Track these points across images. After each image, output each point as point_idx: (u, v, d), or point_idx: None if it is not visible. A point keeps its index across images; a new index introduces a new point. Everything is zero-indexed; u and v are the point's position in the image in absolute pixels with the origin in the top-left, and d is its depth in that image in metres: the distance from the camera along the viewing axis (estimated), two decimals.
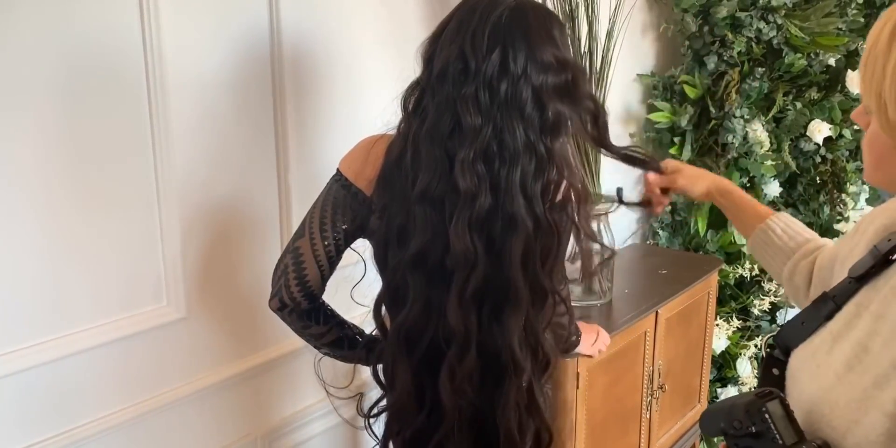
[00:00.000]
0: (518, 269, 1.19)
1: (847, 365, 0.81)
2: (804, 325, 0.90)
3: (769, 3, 2.44)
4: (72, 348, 1.24)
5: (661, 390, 2.15)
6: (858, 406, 0.77)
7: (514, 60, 1.13)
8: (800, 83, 2.59)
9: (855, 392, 0.79)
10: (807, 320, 0.90)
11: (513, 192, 1.17)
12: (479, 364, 1.22)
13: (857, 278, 0.87)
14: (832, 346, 0.85)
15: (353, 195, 1.23)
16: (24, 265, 1.17)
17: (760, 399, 0.80)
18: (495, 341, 1.23)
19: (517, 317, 1.21)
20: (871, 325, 0.82)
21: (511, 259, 1.18)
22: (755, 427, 0.78)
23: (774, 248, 1.23)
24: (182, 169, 1.34)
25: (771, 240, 1.24)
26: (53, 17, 1.14)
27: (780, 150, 2.61)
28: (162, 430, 1.41)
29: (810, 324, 0.90)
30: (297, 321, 1.27)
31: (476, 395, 1.24)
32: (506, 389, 1.24)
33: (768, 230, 1.25)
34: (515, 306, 1.21)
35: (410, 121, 1.20)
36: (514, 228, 1.17)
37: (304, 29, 1.48)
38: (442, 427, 1.25)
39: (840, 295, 0.88)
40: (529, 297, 1.21)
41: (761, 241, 1.25)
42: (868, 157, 0.82)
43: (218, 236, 1.43)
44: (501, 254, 1.19)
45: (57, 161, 1.18)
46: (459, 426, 1.25)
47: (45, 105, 1.15)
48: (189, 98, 1.33)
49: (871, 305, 0.83)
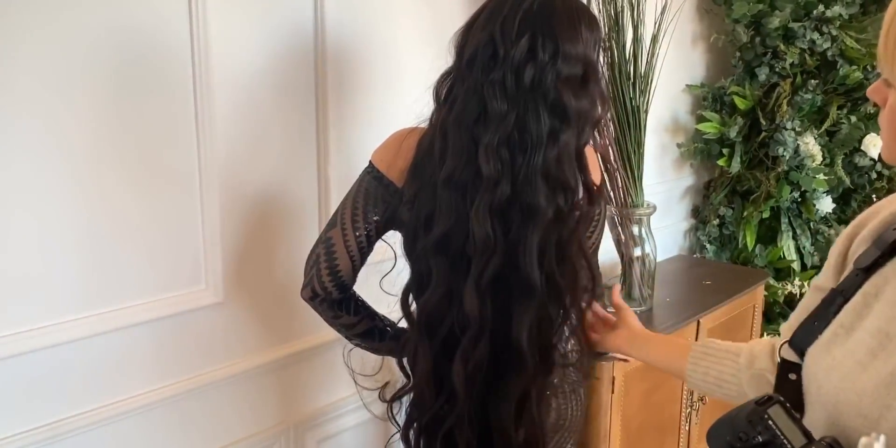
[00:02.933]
0: (534, 260, 1.18)
1: (871, 353, 0.80)
2: (816, 324, 0.89)
3: (823, 14, 2.40)
4: (111, 325, 1.29)
5: (702, 403, 2.11)
6: (888, 391, 0.76)
7: (543, 47, 1.14)
8: (855, 96, 2.54)
9: (883, 377, 0.77)
10: (818, 319, 0.89)
11: (535, 181, 1.16)
12: (490, 353, 1.22)
13: (865, 269, 0.86)
14: (847, 337, 0.84)
15: (385, 187, 1.25)
16: (69, 243, 1.22)
17: (761, 406, 0.78)
18: (508, 333, 1.23)
19: (529, 311, 1.20)
20: (889, 311, 0.81)
21: (527, 249, 1.17)
22: (761, 436, 0.76)
23: (720, 353, 1.16)
24: (224, 157, 1.38)
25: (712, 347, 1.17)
26: (109, 11, 1.20)
27: (832, 164, 2.56)
28: (196, 412, 1.45)
29: (822, 322, 0.89)
30: (329, 311, 1.29)
31: (483, 385, 1.24)
32: (507, 383, 1.24)
33: (706, 342, 1.20)
34: (528, 299, 1.20)
35: (441, 110, 1.21)
36: (533, 217, 1.17)
37: (348, 24, 1.53)
38: (453, 414, 1.25)
39: (848, 288, 0.87)
40: (546, 292, 1.20)
41: (702, 354, 1.18)
42: (886, 133, 0.80)
43: (256, 224, 1.47)
44: (518, 243, 1.19)
45: (106, 146, 1.23)
46: (470, 416, 1.24)
47: (97, 92, 1.21)
48: (233, 88, 1.38)
49: (885, 293, 0.82)
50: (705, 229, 2.72)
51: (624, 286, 2.03)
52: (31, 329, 1.20)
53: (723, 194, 2.67)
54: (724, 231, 2.71)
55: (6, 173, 1.13)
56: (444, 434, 1.27)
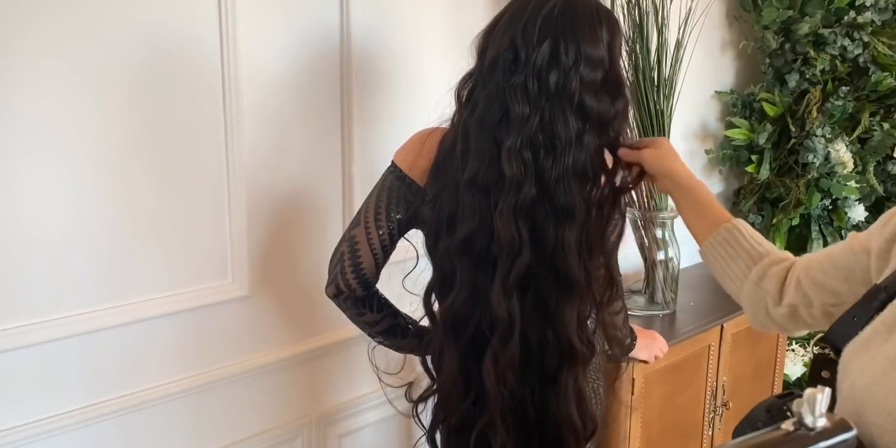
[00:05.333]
0: (575, 257, 1.21)
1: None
2: (855, 320, 0.88)
3: (854, 21, 2.39)
4: (139, 315, 1.33)
5: (725, 408, 2.10)
6: None
7: (566, 52, 1.16)
8: (888, 103, 2.52)
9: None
10: (858, 315, 0.88)
11: (566, 182, 1.19)
12: (522, 352, 1.24)
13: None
14: (888, 336, 0.82)
15: (408, 186, 1.28)
16: (97, 236, 1.27)
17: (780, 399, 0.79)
18: (541, 331, 1.25)
19: (571, 306, 1.23)
20: None
21: (566, 247, 1.20)
22: None
23: (740, 250, 1.15)
24: (251, 155, 1.43)
25: (737, 240, 1.15)
26: (140, 10, 1.25)
27: (864, 171, 2.53)
28: (219, 403, 1.49)
29: (862, 318, 0.87)
30: (352, 308, 1.32)
31: (519, 384, 1.26)
32: (564, 379, 1.26)
33: (735, 231, 1.16)
34: (569, 295, 1.23)
35: (463, 111, 1.24)
36: (568, 217, 1.20)
37: (372, 28, 1.57)
38: (485, 415, 1.27)
39: (891, 285, 0.86)
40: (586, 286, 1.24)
41: (724, 241, 1.16)
42: None
43: (282, 221, 1.51)
44: (550, 241, 1.22)
45: (136, 143, 1.29)
46: (502, 415, 1.26)
47: (128, 89, 1.26)
48: (261, 88, 1.42)
49: None
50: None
51: (647, 290, 2.04)
52: (62, 317, 1.25)
53: (752, 201, 2.65)
54: None
55: (37, 168, 1.18)
56: (477, 436, 1.28)
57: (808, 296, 1.06)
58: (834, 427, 0.59)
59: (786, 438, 0.58)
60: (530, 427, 1.30)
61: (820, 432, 0.58)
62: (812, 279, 1.06)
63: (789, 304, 1.08)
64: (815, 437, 0.58)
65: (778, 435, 0.58)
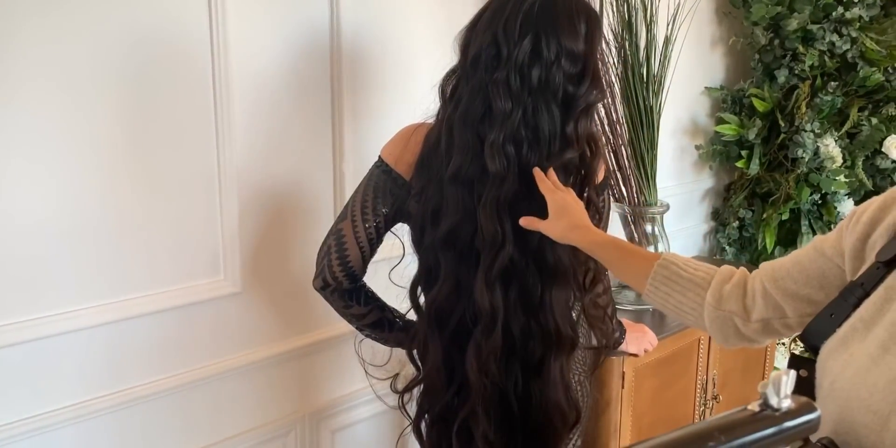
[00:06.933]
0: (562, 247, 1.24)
1: (882, 347, 0.79)
2: (833, 317, 0.88)
3: (843, 16, 2.41)
4: (131, 312, 1.35)
5: (716, 401, 2.12)
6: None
7: (547, 47, 1.18)
8: (876, 98, 2.54)
9: (894, 373, 0.77)
10: (835, 312, 0.88)
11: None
12: (505, 344, 1.26)
13: (886, 262, 0.85)
14: (866, 333, 0.82)
15: (394, 180, 1.30)
16: (92, 234, 1.28)
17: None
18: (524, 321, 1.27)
19: (558, 290, 1.27)
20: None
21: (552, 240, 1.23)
22: None
23: (683, 282, 1.10)
24: (242, 153, 1.44)
25: (678, 274, 1.10)
26: (130, 10, 1.26)
27: (853, 166, 2.55)
28: (212, 399, 1.50)
29: (839, 315, 0.87)
30: (339, 300, 1.33)
31: (501, 375, 1.28)
32: (550, 365, 1.29)
33: (671, 266, 1.11)
34: (556, 281, 1.26)
35: (447, 107, 1.26)
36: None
37: (362, 25, 1.58)
38: (467, 405, 1.29)
39: (868, 281, 0.86)
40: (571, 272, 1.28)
41: (664, 279, 1.11)
42: None
43: (273, 218, 1.53)
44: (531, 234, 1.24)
45: (128, 142, 1.30)
46: (485, 406, 1.28)
47: (118, 87, 1.27)
48: (251, 87, 1.44)
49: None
50: (725, 231, 2.73)
51: None
52: (53, 314, 1.26)
53: (742, 196, 2.67)
54: (743, 233, 2.71)
55: (26, 165, 1.20)
56: (459, 426, 1.31)
57: (780, 307, 1.02)
58: (799, 408, 0.60)
59: (752, 419, 0.60)
60: (513, 417, 1.32)
61: (785, 413, 0.60)
62: (783, 290, 1.01)
63: (760, 319, 1.04)
64: (780, 418, 0.59)
65: (744, 415, 0.60)
